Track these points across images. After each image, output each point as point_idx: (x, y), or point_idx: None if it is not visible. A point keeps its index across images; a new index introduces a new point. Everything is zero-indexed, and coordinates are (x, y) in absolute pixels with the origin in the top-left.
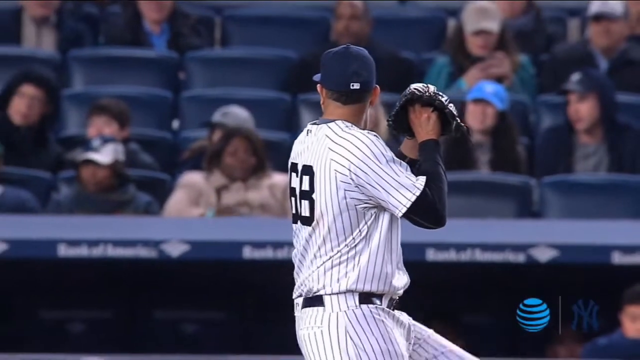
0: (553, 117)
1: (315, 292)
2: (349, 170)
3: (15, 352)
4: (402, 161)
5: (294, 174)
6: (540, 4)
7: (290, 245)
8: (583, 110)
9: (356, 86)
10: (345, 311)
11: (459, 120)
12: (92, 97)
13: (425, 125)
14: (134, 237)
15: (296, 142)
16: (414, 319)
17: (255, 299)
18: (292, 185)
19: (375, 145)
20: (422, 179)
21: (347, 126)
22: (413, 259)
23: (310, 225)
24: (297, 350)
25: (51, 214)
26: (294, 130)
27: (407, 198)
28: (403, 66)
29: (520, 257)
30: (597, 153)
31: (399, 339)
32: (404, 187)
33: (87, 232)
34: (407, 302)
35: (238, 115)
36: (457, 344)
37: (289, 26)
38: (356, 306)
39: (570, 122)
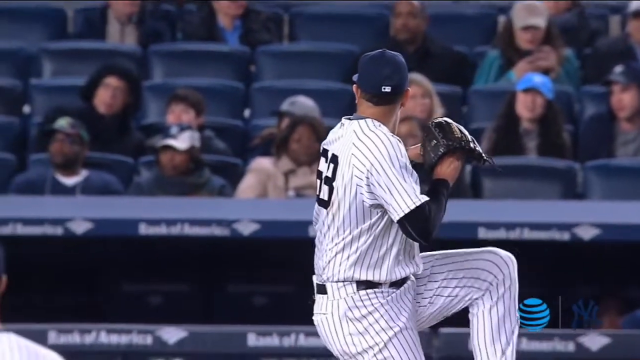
0: (595, 106)
1: (322, 280)
2: (364, 167)
3: (100, 322)
4: (414, 171)
5: (323, 159)
6: (584, 2)
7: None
8: (626, 99)
9: (387, 89)
10: (344, 298)
11: (484, 157)
12: (170, 88)
13: (446, 167)
14: (208, 217)
15: (332, 131)
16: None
17: None
18: (320, 169)
19: (394, 148)
20: (425, 197)
21: (374, 125)
22: (465, 237)
23: (327, 208)
24: None
25: (133, 195)
26: None
27: (407, 205)
28: (457, 59)
29: (565, 236)
30: (637, 139)
31: (402, 313)
32: (407, 195)
33: (165, 212)
34: None
35: (304, 104)
36: None
37: (352, 22)
38: (354, 292)
39: (611, 110)
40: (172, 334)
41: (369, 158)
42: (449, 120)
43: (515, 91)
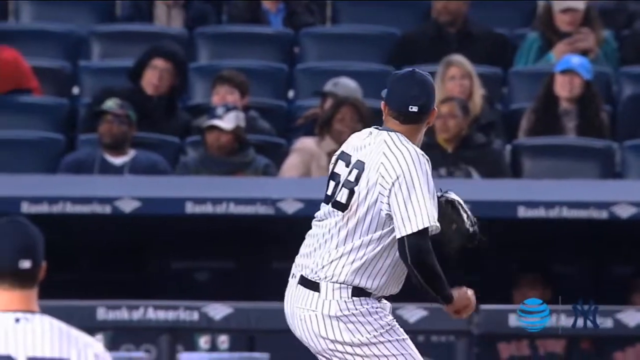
0: (633, 86)
1: (316, 277)
2: (391, 177)
3: (149, 298)
4: (435, 194)
5: (342, 162)
6: None
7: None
8: None
9: (415, 109)
10: (337, 300)
11: (477, 237)
12: (215, 70)
13: (460, 301)
14: (253, 195)
15: (354, 136)
16: (508, 270)
17: None
18: (337, 171)
19: (422, 166)
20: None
21: (405, 140)
22: (505, 216)
23: (342, 211)
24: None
25: (179, 175)
26: None
27: (416, 224)
28: (498, 41)
29: (603, 214)
30: None
31: (389, 316)
32: (418, 216)
33: (211, 191)
34: (502, 256)
35: (347, 85)
36: (546, 293)
37: (393, 5)
38: (348, 297)
39: None
40: (218, 310)
41: (397, 170)
42: (460, 201)
43: (553, 72)
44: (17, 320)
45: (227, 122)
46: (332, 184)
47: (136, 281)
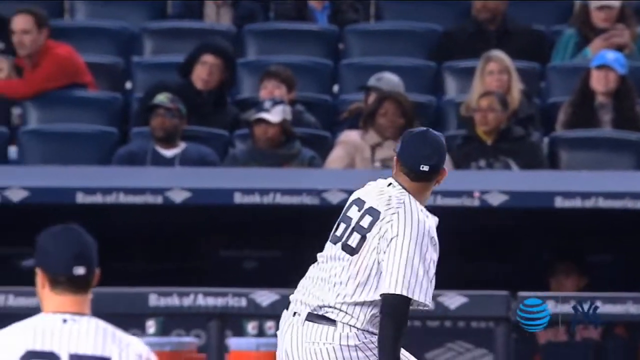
0: None
1: (326, 312)
2: (396, 234)
3: (199, 285)
4: (434, 266)
5: (356, 207)
6: None
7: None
8: None
9: (425, 168)
10: (355, 332)
11: None
12: (263, 65)
13: None
14: (299, 186)
15: (373, 185)
16: (544, 258)
17: None
18: (349, 215)
19: (428, 232)
20: (430, 304)
21: (423, 212)
22: (543, 206)
23: (352, 255)
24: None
25: (228, 166)
26: (439, 93)
27: (405, 289)
28: (535, 37)
29: (638, 204)
30: None
31: None
32: (409, 283)
33: (259, 182)
34: (539, 245)
35: (390, 80)
36: (581, 281)
37: (435, 3)
38: (358, 330)
39: None
40: (265, 297)
41: (403, 232)
42: None
43: (589, 68)
44: (65, 321)
45: (274, 115)
46: (342, 226)
47: (187, 269)
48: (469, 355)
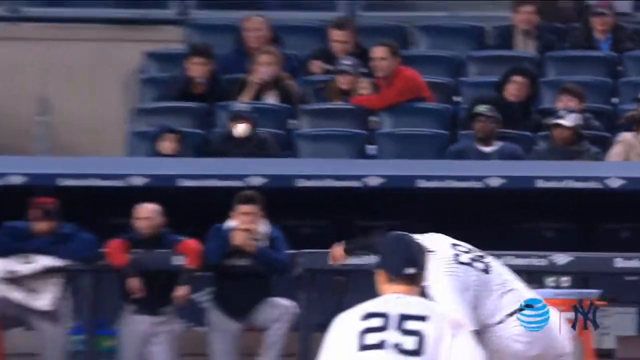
0: None
1: None
2: None
3: (502, 249)
4: None
5: None
6: None
7: None
8: None
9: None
10: None
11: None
12: (560, 83)
13: None
14: (586, 174)
15: None
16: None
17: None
18: None
19: None
20: None
21: None
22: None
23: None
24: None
25: (532, 159)
26: None
27: None
28: None
29: None
30: None
31: None
32: None
33: (556, 171)
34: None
35: None
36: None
37: None
38: None
39: None
40: (562, 258)
41: None
42: None
43: None
44: (398, 297)
45: (569, 121)
46: None
47: (495, 238)
48: None
